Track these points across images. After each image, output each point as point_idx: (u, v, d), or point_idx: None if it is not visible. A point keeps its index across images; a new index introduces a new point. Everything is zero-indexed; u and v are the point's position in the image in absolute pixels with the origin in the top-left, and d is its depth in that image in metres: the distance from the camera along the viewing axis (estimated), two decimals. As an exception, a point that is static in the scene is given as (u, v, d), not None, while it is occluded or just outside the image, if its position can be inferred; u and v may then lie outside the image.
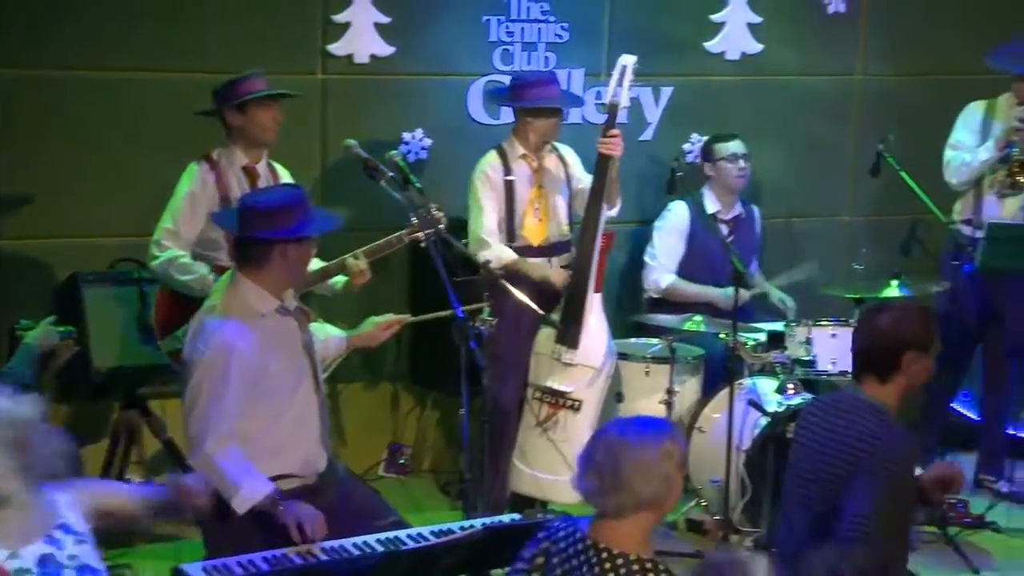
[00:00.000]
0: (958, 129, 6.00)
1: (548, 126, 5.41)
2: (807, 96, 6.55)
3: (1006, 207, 5.94)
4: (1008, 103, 5.97)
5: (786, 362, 5.50)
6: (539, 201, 5.45)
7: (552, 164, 5.51)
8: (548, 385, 5.36)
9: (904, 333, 3.62)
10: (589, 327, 5.34)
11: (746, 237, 6.12)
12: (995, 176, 5.93)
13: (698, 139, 6.33)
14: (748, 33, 6.37)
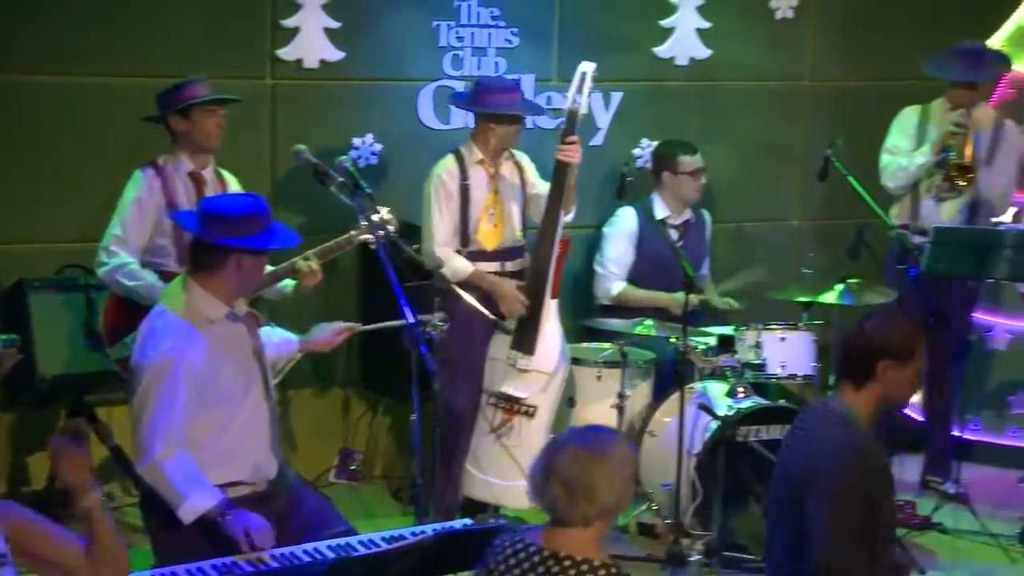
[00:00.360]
0: (893, 134, 6.08)
1: (510, 133, 5.41)
2: (756, 101, 6.60)
3: (943, 211, 6.03)
4: (942, 108, 6.06)
5: (736, 366, 5.53)
6: (495, 207, 5.45)
7: (508, 170, 5.52)
8: (503, 391, 5.36)
9: (880, 340, 3.58)
10: (545, 333, 5.36)
11: (696, 242, 6.16)
12: (931, 180, 6.02)
13: (648, 144, 6.36)
14: (697, 38, 6.41)
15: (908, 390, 3.66)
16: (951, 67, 5.97)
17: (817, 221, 6.71)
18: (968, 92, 5.96)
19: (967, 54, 5.97)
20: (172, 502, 3.70)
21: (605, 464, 3.02)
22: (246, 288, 3.94)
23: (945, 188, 5.97)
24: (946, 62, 5.99)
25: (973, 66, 5.95)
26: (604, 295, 6.07)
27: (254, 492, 3.90)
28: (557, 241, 5.35)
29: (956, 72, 5.97)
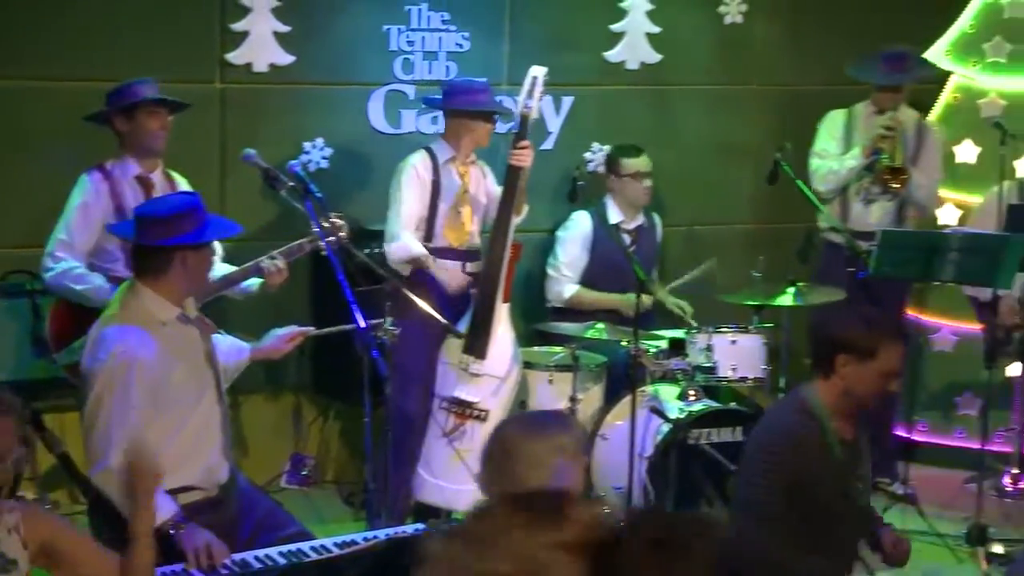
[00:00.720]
0: (821, 138, 6.16)
1: (486, 131, 5.48)
2: (706, 105, 6.65)
3: (872, 214, 6.11)
4: (866, 111, 6.15)
5: (687, 369, 5.56)
6: (462, 206, 5.50)
7: (474, 173, 5.57)
8: (455, 395, 5.37)
9: (836, 334, 3.72)
10: (497, 337, 5.37)
11: (648, 246, 6.18)
12: (861, 183, 6.10)
13: (599, 148, 6.39)
14: (647, 43, 6.44)
15: (869, 387, 3.74)
16: (875, 71, 6.06)
17: (767, 224, 6.76)
18: (892, 95, 6.06)
19: (891, 58, 6.06)
20: (126, 511, 3.66)
21: (530, 446, 3.00)
22: (195, 285, 3.92)
23: (875, 191, 6.05)
24: (870, 66, 6.09)
25: (897, 70, 6.04)
26: (556, 298, 6.09)
27: (206, 497, 3.88)
28: (509, 245, 5.37)
29: (880, 76, 6.05)
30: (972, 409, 6.47)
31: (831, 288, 5.72)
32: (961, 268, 5.50)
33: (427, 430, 5.43)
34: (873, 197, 6.10)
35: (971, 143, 6.55)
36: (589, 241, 6.08)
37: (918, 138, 6.16)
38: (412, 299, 4.90)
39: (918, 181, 6.05)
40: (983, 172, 6.38)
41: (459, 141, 5.47)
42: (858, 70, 6.15)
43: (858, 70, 6.15)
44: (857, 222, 6.06)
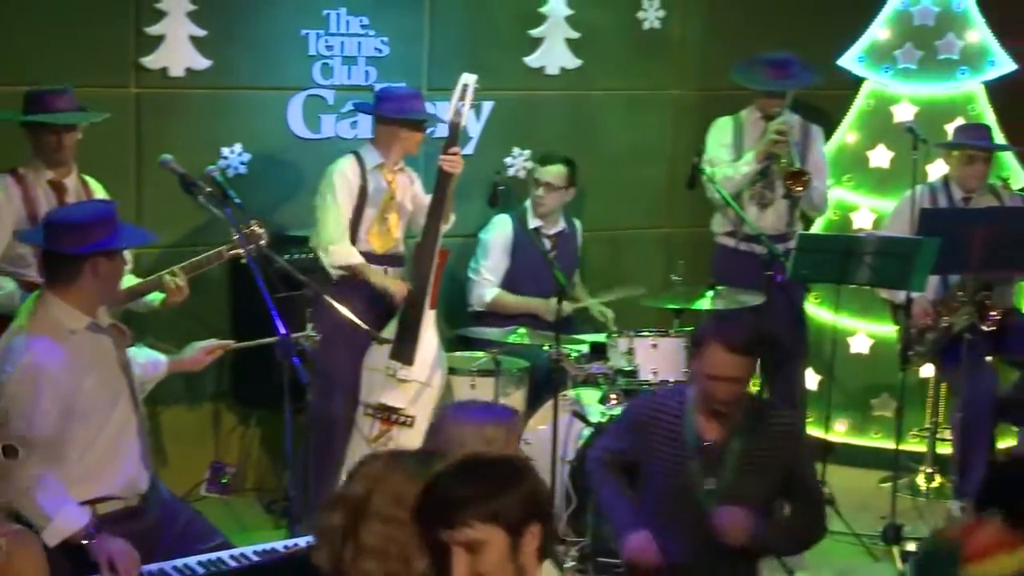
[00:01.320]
0: (711, 145, 6.23)
1: (416, 140, 5.51)
2: (626, 110, 6.69)
3: (766, 217, 6.20)
4: (752, 116, 6.24)
5: (608, 373, 5.59)
6: (388, 212, 5.51)
7: (402, 180, 5.58)
8: (382, 401, 5.36)
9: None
10: (424, 343, 5.38)
11: (569, 251, 6.22)
12: (754, 187, 6.19)
13: (520, 153, 6.42)
14: (567, 48, 6.48)
15: (702, 386, 3.98)
16: (759, 76, 6.15)
17: (686, 228, 6.82)
18: (778, 100, 6.15)
19: (775, 64, 6.14)
20: (37, 524, 3.62)
21: (458, 434, 3.07)
22: (106, 294, 3.88)
23: (769, 194, 6.15)
24: (754, 71, 6.17)
25: (780, 76, 6.13)
26: (478, 302, 6.11)
27: (125, 506, 3.84)
28: (437, 251, 5.39)
29: (764, 81, 6.14)
30: (887, 410, 6.59)
31: (750, 292, 5.79)
32: (876, 271, 5.59)
33: (350, 436, 5.41)
34: (767, 201, 6.21)
35: (884, 148, 6.66)
36: (510, 245, 6.10)
37: (804, 141, 6.26)
38: (334, 305, 4.89)
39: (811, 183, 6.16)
40: (896, 177, 6.48)
41: (389, 148, 5.49)
42: (742, 75, 6.23)
43: (742, 75, 6.23)
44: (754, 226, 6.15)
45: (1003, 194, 6.21)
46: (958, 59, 6.62)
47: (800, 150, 6.21)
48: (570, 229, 6.27)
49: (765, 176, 6.18)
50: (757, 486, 4.00)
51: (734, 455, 3.98)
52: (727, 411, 3.97)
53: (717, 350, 3.91)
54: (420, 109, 5.54)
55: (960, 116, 6.57)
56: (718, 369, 3.92)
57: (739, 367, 3.93)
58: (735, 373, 3.93)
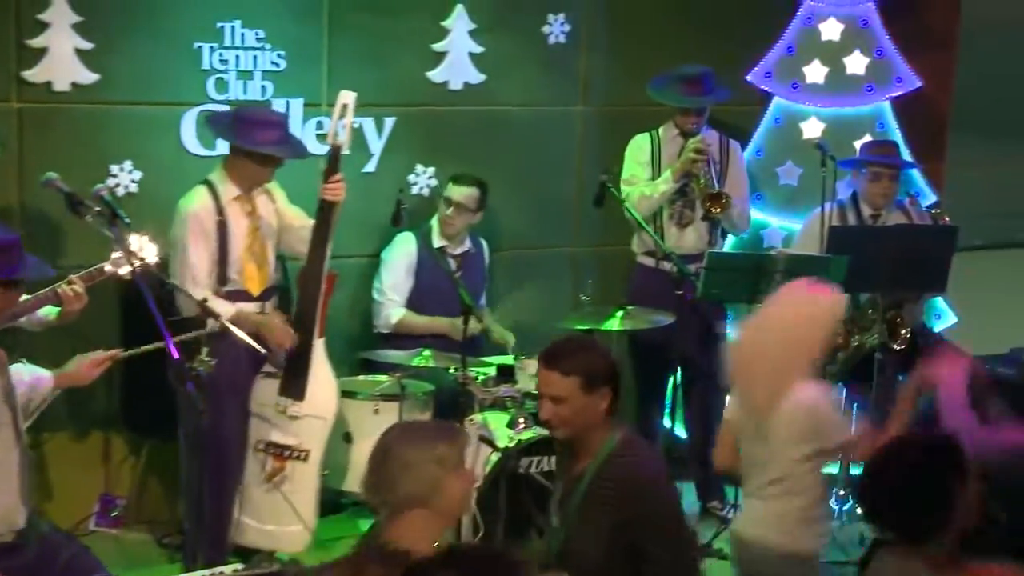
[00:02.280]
0: (628, 164, 6.26)
1: (266, 174, 5.28)
2: (531, 127, 6.68)
3: (686, 237, 6.24)
4: (670, 134, 6.28)
5: (516, 396, 5.57)
6: (255, 245, 5.34)
7: (263, 205, 5.41)
8: (274, 440, 5.29)
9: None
10: (314, 376, 5.31)
11: (475, 271, 6.19)
12: (673, 206, 6.23)
13: (423, 170, 6.38)
14: (470, 63, 6.46)
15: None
16: (675, 92, 6.19)
17: (595, 248, 6.83)
18: (695, 117, 6.19)
19: (690, 79, 6.19)
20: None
21: (407, 454, 3.09)
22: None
23: (689, 213, 6.18)
24: (670, 87, 6.21)
25: (696, 92, 6.18)
26: (384, 323, 6.05)
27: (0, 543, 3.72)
28: (324, 281, 5.31)
29: (679, 97, 6.19)
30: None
31: (660, 311, 5.80)
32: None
33: (246, 467, 5.32)
34: (687, 220, 6.24)
35: (792, 165, 6.74)
36: (414, 264, 6.06)
37: (723, 159, 6.31)
38: (229, 328, 4.81)
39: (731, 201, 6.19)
40: (806, 194, 6.55)
41: (240, 178, 5.25)
42: (658, 92, 6.26)
43: (658, 92, 6.26)
44: (673, 246, 6.16)
45: (911, 211, 6.30)
46: (864, 75, 6.72)
47: (720, 167, 6.24)
48: (476, 248, 6.24)
49: (684, 195, 6.20)
50: (595, 532, 3.65)
51: (579, 494, 3.71)
52: (557, 438, 3.76)
53: (539, 371, 3.76)
54: (275, 139, 5.21)
55: (868, 133, 6.68)
56: (539, 385, 3.77)
57: (552, 383, 3.68)
58: (547, 390, 3.71)
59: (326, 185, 5.26)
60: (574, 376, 3.66)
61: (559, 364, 3.69)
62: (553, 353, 3.74)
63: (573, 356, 3.71)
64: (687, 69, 6.20)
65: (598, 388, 3.67)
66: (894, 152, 6.36)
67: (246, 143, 5.21)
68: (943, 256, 5.89)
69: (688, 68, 6.20)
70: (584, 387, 3.66)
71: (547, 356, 3.74)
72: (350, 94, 5.32)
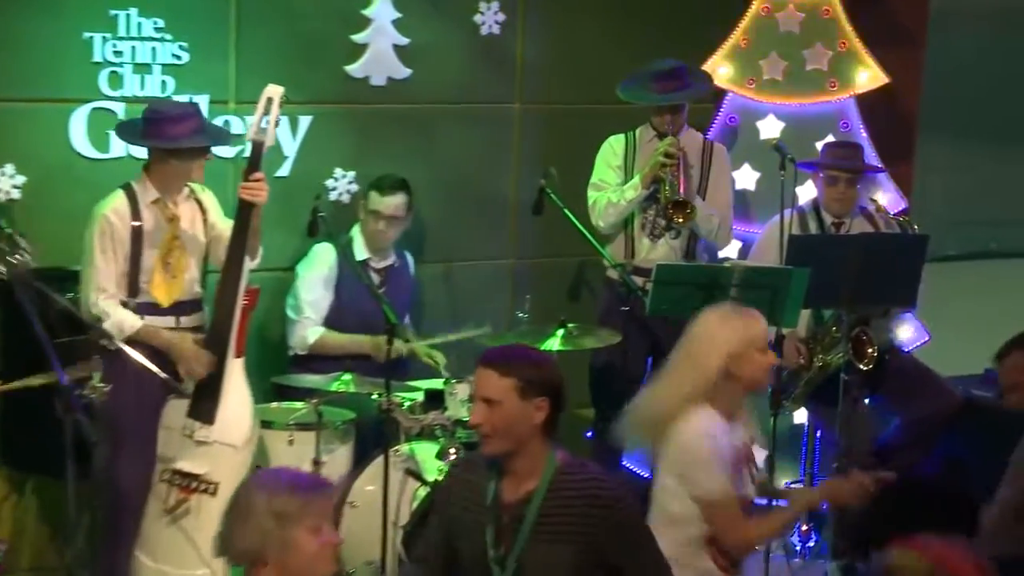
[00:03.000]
0: (599, 167, 6.28)
1: (192, 168, 5.29)
2: (463, 126, 6.68)
3: (659, 249, 6.25)
4: (646, 136, 6.30)
5: (447, 424, 5.56)
6: (172, 255, 5.33)
7: (189, 211, 5.41)
8: (179, 467, 5.23)
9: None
10: (228, 398, 5.26)
11: (400, 287, 6.19)
12: (645, 216, 6.24)
13: (343, 174, 6.35)
14: (395, 56, 6.45)
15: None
16: (648, 90, 6.22)
17: (533, 260, 6.84)
18: (672, 117, 6.20)
19: (662, 76, 6.22)
20: None
21: (252, 497, 3.08)
22: None
23: (661, 225, 6.20)
24: (643, 85, 6.24)
25: (669, 88, 6.21)
26: (300, 344, 6.03)
27: None
28: (242, 291, 5.27)
29: (653, 96, 6.21)
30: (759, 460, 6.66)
31: (607, 330, 5.80)
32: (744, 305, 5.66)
33: (146, 505, 5.26)
34: (660, 231, 6.25)
35: (750, 168, 6.79)
36: (333, 279, 6.03)
37: (705, 163, 6.33)
38: (125, 350, 4.75)
39: (707, 212, 6.20)
40: (763, 200, 6.61)
41: (164, 180, 5.29)
42: (628, 91, 6.28)
43: (628, 91, 6.28)
44: (645, 259, 6.18)
45: (878, 219, 6.35)
46: (827, 70, 6.78)
47: (699, 175, 6.26)
48: (401, 262, 6.23)
49: (656, 202, 6.21)
50: (557, 558, 3.68)
51: (530, 521, 3.71)
52: (489, 453, 3.73)
53: (477, 367, 3.77)
54: (192, 131, 5.27)
55: (830, 133, 6.74)
56: (475, 387, 3.80)
57: (487, 384, 3.70)
58: (482, 391, 3.72)
59: (245, 184, 5.24)
60: (511, 378, 3.69)
61: (497, 364, 3.73)
62: (494, 353, 3.80)
63: (513, 358, 3.76)
64: (659, 64, 6.22)
65: (534, 396, 3.69)
66: (856, 154, 6.41)
67: (159, 142, 5.23)
68: (912, 268, 5.95)
69: (660, 63, 6.23)
70: (520, 391, 3.68)
71: (487, 355, 3.79)
72: (277, 88, 5.31)
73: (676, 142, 6.14)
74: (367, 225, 6.07)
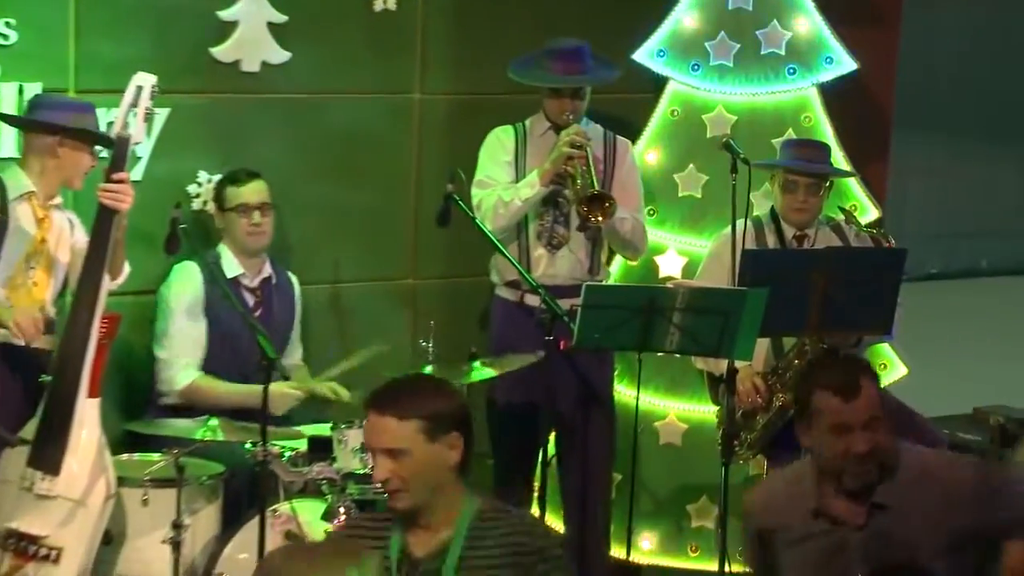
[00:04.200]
0: (484, 163, 6.32)
1: (82, 164, 5.49)
2: (353, 121, 6.70)
3: (559, 262, 6.28)
4: (539, 126, 6.35)
5: (335, 477, 5.55)
6: (34, 262, 5.42)
7: (58, 220, 5.51)
8: (14, 527, 5.21)
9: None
10: (78, 445, 5.25)
11: (280, 310, 6.21)
12: (542, 222, 6.28)
13: (207, 178, 6.35)
14: (270, 37, 6.46)
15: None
16: (544, 71, 6.27)
17: (439, 279, 6.87)
18: (570, 102, 6.24)
19: (562, 55, 6.26)
20: None
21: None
22: None
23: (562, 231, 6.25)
24: (536, 65, 6.29)
25: (571, 70, 6.26)
26: (167, 388, 6.03)
27: None
28: (98, 318, 5.28)
29: (551, 77, 6.26)
30: (708, 519, 6.71)
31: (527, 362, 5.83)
32: (688, 334, 5.69)
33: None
34: (560, 239, 6.28)
35: (695, 170, 6.82)
36: (200, 305, 6.03)
37: (609, 159, 6.39)
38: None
39: (618, 215, 6.22)
40: (712, 208, 6.65)
41: (43, 172, 5.45)
42: (521, 71, 6.34)
43: (521, 71, 6.34)
44: (544, 274, 6.22)
45: (847, 231, 6.42)
46: (785, 55, 6.85)
47: (603, 171, 6.30)
48: (281, 279, 6.25)
49: (556, 206, 6.24)
50: None
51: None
52: (399, 509, 3.76)
53: (367, 414, 3.78)
54: (90, 123, 5.55)
55: (790, 129, 6.79)
56: (366, 436, 3.81)
57: (385, 433, 3.69)
58: (381, 442, 3.71)
59: (105, 186, 5.29)
60: (413, 419, 3.70)
61: (393, 406, 3.72)
62: (384, 394, 3.77)
63: (410, 395, 3.75)
64: (558, 42, 6.26)
65: (445, 434, 3.71)
66: (820, 155, 6.44)
67: (52, 120, 5.44)
68: (888, 288, 5.99)
69: (559, 41, 6.26)
70: (427, 433, 3.70)
71: (377, 399, 3.77)
72: (148, 77, 5.39)
73: (582, 130, 6.19)
74: (235, 228, 6.10)
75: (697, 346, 5.79)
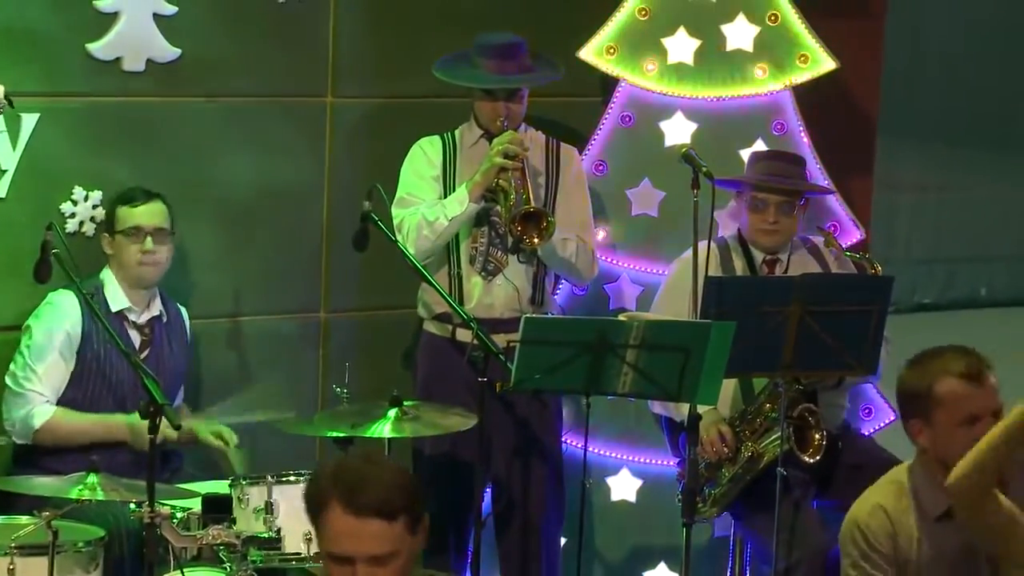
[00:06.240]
0: (408, 179, 6.36)
1: None
2: (254, 129, 6.70)
3: (497, 291, 6.34)
4: (469, 135, 6.40)
5: (235, 543, 5.55)
6: None
7: None
8: None
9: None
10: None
11: (173, 347, 6.23)
12: (474, 246, 6.34)
13: (84, 195, 6.34)
14: (157, 31, 6.45)
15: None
16: (475, 69, 6.32)
17: (355, 312, 6.89)
18: (506, 105, 6.30)
19: (497, 52, 6.32)
20: None
21: None
22: None
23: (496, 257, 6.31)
24: (468, 63, 6.34)
25: (507, 69, 6.32)
26: (22, 428, 6.03)
27: None
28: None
29: (483, 76, 6.32)
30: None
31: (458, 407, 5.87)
32: (643, 374, 5.70)
33: None
34: (498, 264, 6.34)
35: (651, 185, 6.86)
36: (74, 341, 6.05)
37: (552, 170, 6.45)
38: None
39: (560, 236, 6.25)
40: (670, 229, 6.68)
41: None
42: (448, 70, 6.39)
43: (448, 70, 6.39)
44: (479, 304, 6.29)
45: (826, 254, 6.49)
46: (753, 52, 6.89)
47: (547, 185, 6.37)
48: (171, 315, 6.26)
49: (491, 225, 6.30)
50: None
51: None
52: None
53: (336, 511, 3.65)
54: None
55: (760, 138, 6.84)
56: (341, 543, 3.67)
57: (376, 538, 3.63)
58: (369, 548, 3.64)
59: None
60: (399, 519, 3.65)
61: (376, 506, 3.65)
62: (357, 492, 3.66)
63: (387, 488, 3.67)
64: (491, 37, 6.32)
65: (420, 521, 3.70)
66: (793, 169, 6.49)
67: None
68: (873, 321, 6.03)
69: (492, 36, 6.33)
70: (410, 528, 3.67)
71: (353, 499, 3.66)
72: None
73: (518, 137, 6.24)
74: (124, 254, 6.10)
75: (654, 388, 5.78)
